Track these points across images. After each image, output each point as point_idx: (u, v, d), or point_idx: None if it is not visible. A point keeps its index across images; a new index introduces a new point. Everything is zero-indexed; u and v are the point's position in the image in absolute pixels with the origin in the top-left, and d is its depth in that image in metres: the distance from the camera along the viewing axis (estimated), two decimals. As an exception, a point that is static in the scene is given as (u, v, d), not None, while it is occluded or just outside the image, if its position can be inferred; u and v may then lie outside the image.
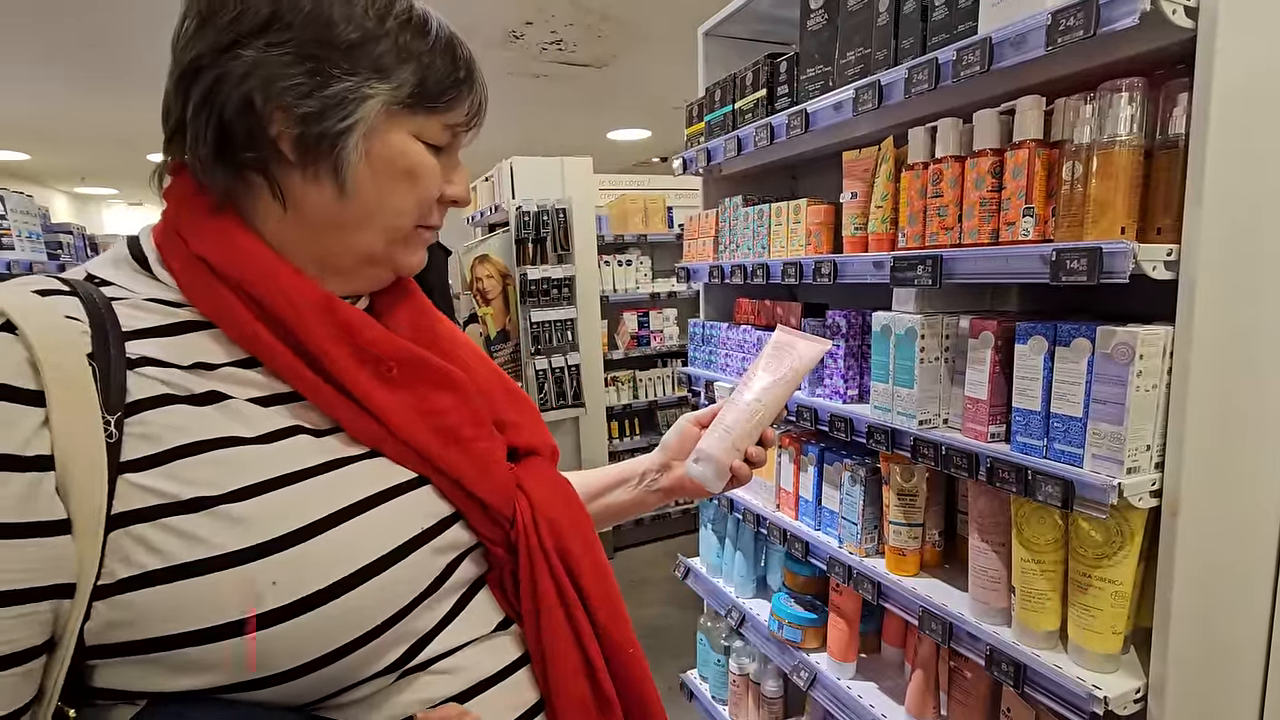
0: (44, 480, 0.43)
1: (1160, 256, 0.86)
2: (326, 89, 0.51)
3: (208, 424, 0.48)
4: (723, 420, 0.83)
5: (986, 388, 1.07)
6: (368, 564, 0.50)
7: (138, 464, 0.46)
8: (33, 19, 3.58)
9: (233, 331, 0.52)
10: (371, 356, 0.55)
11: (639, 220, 3.99)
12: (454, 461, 0.56)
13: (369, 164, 0.54)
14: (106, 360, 0.46)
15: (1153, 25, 0.81)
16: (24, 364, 0.43)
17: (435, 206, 0.60)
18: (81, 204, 10.67)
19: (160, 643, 0.45)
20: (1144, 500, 0.90)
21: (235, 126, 0.51)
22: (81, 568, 0.43)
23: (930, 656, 1.30)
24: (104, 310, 0.48)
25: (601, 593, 0.62)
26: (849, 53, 1.27)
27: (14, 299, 0.45)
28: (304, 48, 0.51)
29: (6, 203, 2.54)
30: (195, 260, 0.52)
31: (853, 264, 1.29)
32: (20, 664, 0.43)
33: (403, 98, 0.54)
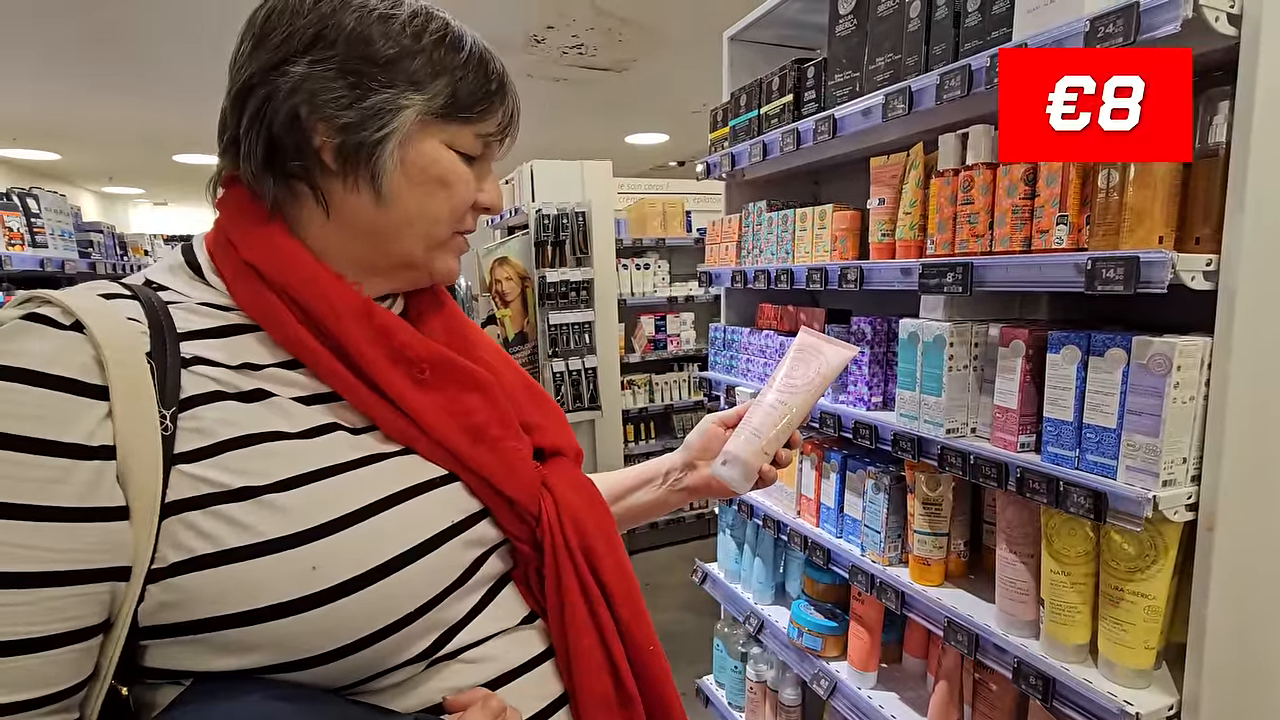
0: (106, 469, 0.45)
1: (1199, 266, 0.85)
2: (365, 101, 0.54)
3: (254, 419, 0.51)
4: (750, 422, 0.82)
5: (1017, 397, 1.06)
6: (400, 553, 0.52)
7: (190, 456, 0.48)
8: (66, 19, 3.66)
9: (278, 334, 0.54)
10: (405, 359, 0.57)
11: (657, 224, 3.99)
12: (482, 460, 0.58)
13: (404, 172, 0.57)
14: (163, 359, 0.49)
15: (1194, 32, 0.80)
16: (91, 361, 0.46)
17: (469, 213, 0.62)
18: (109, 203, 10.87)
19: (207, 624, 0.47)
20: (1179, 514, 0.88)
21: (283, 138, 0.55)
22: (137, 552, 0.46)
23: (954, 668, 1.29)
24: (161, 313, 0.51)
25: (624, 591, 0.63)
26: (878, 58, 1.27)
27: (83, 302, 0.48)
28: (345, 63, 0.54)
29: (41, 201, 2.59)
30: (245, 267, 0.55)
31: (880, 270, 1.28)
32: (81, 641, 0.45)
33: (436, 108, 0.57)
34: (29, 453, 0.43)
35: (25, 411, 0.44)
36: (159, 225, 11.90)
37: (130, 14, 3.59)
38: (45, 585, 0.43)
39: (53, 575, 0.44)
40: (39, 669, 0.44)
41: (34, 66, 4.47)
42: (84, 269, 2.88)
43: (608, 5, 3.60)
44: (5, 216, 2.39)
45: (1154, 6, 0.81)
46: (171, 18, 3.66)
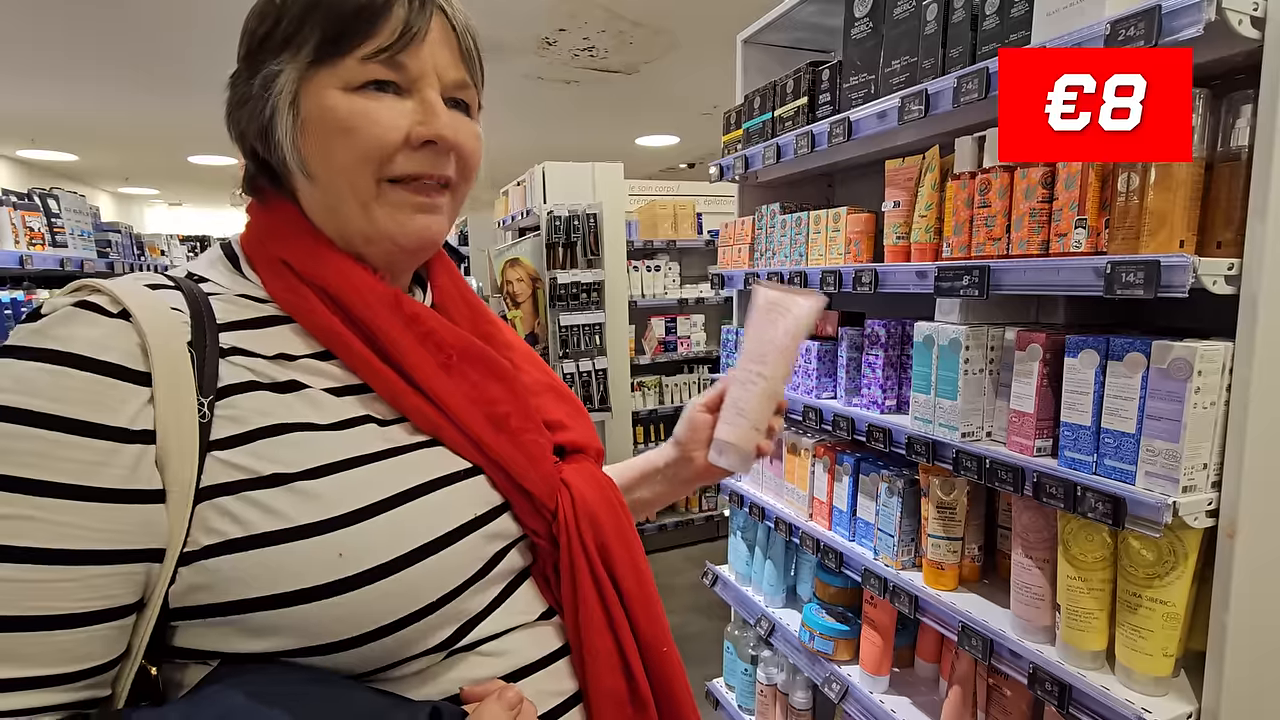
0: (147, 453, 0.47)
1: (1221, 270, 0.84)
2: (252, 87, 0.56)
3: (288, 409, 0.52)
4: (734, 403, 0.79)
5: (1034, 401, 1.05)
6: (424, 544, 0.52)
7: (225, 442, 0.49)
8: (85, 22, 3.71)
9: (310, 325, 0.55)
10: (433, 344, 0.58)
11: (668, 226, 4.00)
12: (504, 450, 0.58)
13: (306, 135, 0.55)
14: (203, 348, 0.50)
15: (1217, 35, 0.80)
16: (136, 348, 0.47)
17: (401, 153, 0.56)
18: (125, 203, 11.00)
19: (236, 606, 0.48)
20: (1199, 520, 0.88)
21: (245, 150, 0.58)
22: (171, 535, 0.47)
23: (968, 673, 1.28)
24: (202, 304, 0.53)
25: (638, 591, 0.63)
26: (895, 61, 1.27)
27: (130, 291, 0.49)
28: (243, 64, 0.57)
29: (61, 202, 2.63)
30: (277, 262, 0.57)
31: (894, 273, 1.28)
32: (117, 619, 0.47)
33: (309, 57, 0.54)
34: (76, 434, 0.45)
35: (73, 395, 0.45)
36: (174, 225, 12.02)
37: (148, 17, 3.64)
38: (88, 563, 0.45)
39: (95, 554, 0.45)
40: (77, 644, 0.45)
41: (54, 68, 4.53)
42: (102, 268, 2.91)
43: (619, 7, 3.61)
44: (27, 217, 2.43)
45: (1176, 9, 0.81)
46: (189, 20, 3.70)
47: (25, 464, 0.43)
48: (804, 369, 1.59)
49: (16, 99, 5.32)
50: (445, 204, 0.60)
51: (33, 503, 0.43)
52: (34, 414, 0.44)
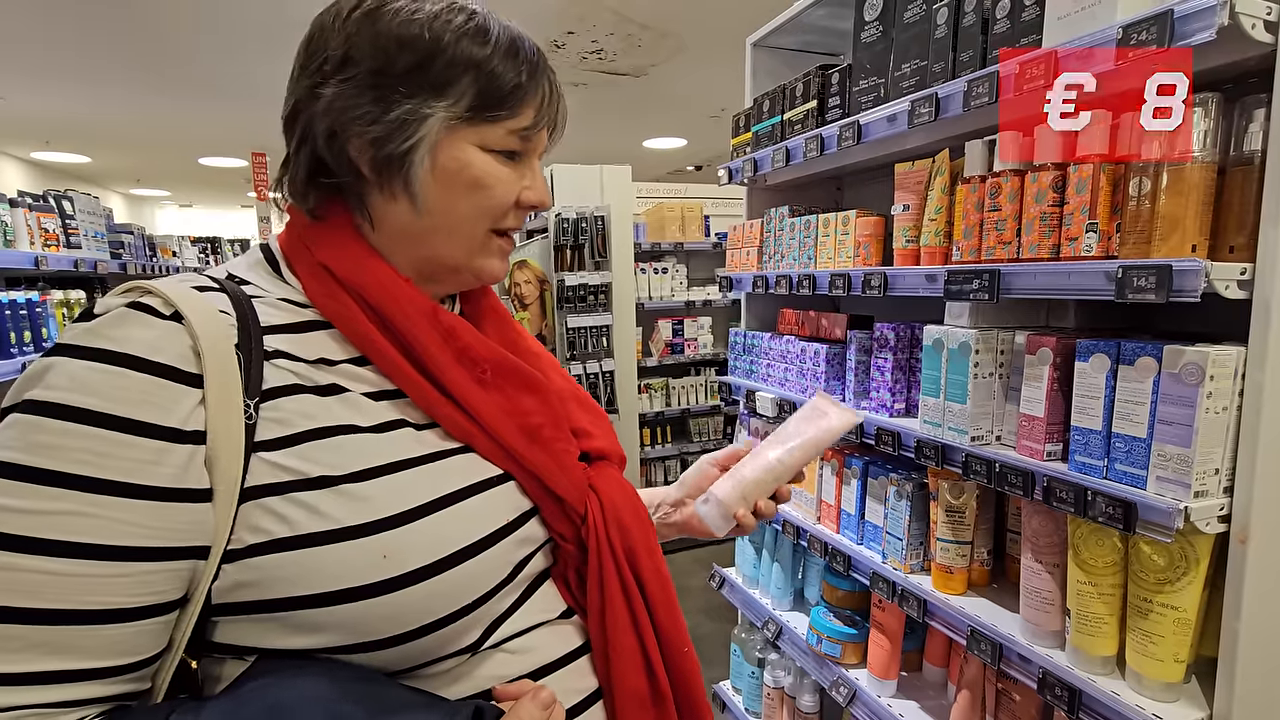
0: (197, 453, 0.48)
1: (1233, 275, 0.84)
2: (389, 114, 0.56)
3: (330, 412, 0.53)
4: (740, 469, 0.82)
5: (1044, 405, 1.05)
6: (462, 548, 0.54)
7: (270, 444, 0.51)
8: (96, 26, 3.75)
9: (349, 332, 0.57)
10: (469, 359, 0.59)
11: (676, 228, 4.00)
12: (537, 459, 0.60)
13: (436, 178, 0.57)
14: (249, 351, 0.51)
15: (1230, 39, 0.80)
16: (189, 350, 0.48)
17: (511, 212, 0.62)
18: (136, 205, 11.09)
19: (282, 604, 0.49)
20: (1211, 525, 0.87)
21: (325, 156, 0.57)
22: (216, 533, 0.48)
23: (977, 677, 1.28)
24: (247, 307, 0.54)
25: (662, 593, 0.65)
26: (904, 65, 1.27)
27: (181, 293, 0.50)
28: (370, 78, 0.55)
29: (75, 203, 2.66)
30: (318, 267, 0.58)
31: (904, 277, 1.28)
32: (162, 614, 0.48)
33: (462, 111, 0.56)
34: (131, 434, 0.46)
35: (129, 395, 0.46)
36: (184, 227, 12.12)
37: (161, 21, 3.67)
38: (138, 560, 0.46)
39: (146, 551, 0.46)
40: (125, 639, 0.46)
41: (68, 71, 4.58)
42: (115, 269, 2.94)
43: (628, 11, 3.62)
44: (42, 218, 2.45)
45: (1189, 13, 0.81)
46: (201, 24, 3.74)
47: (81, 461, 0.44)
48: (812, 372, 1.59)
49: (32, 102, 5.38)
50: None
51: (87, 499, 0.44)
52: (90, 413, 0.45)
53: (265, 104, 5.63)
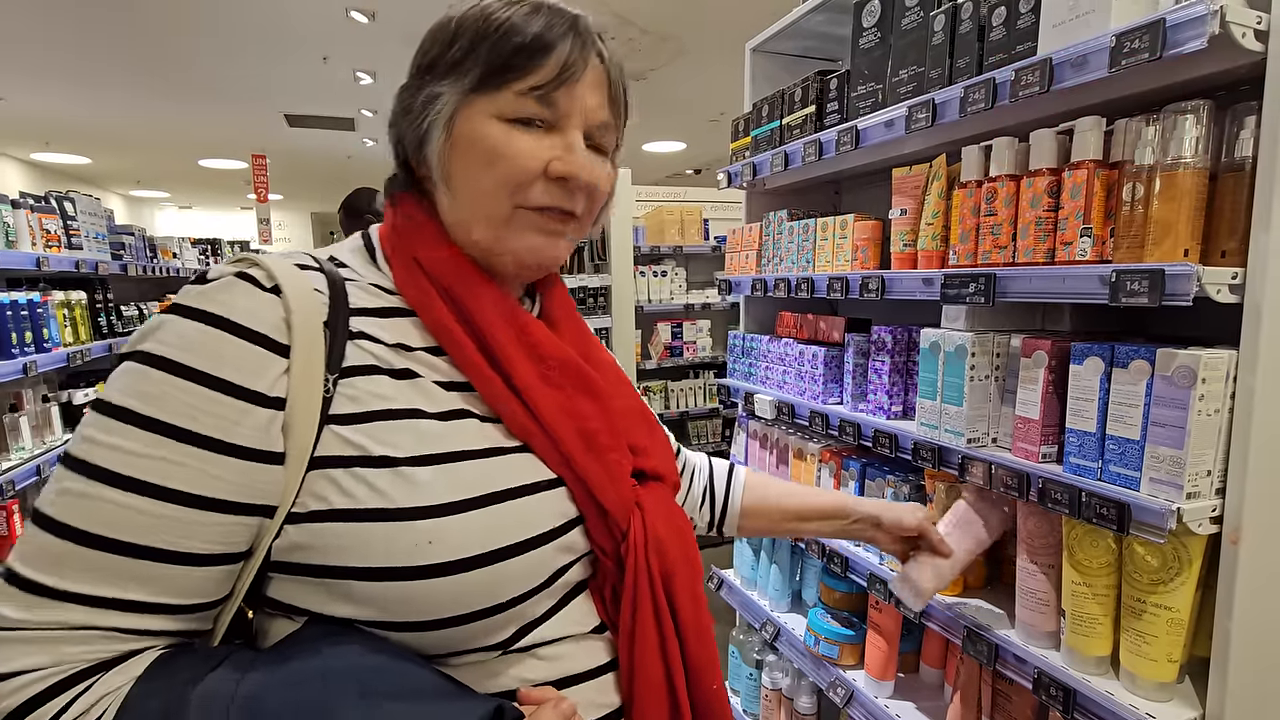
0: (277, 418, 0.51)
1: (1225, 280, 0.85)
2: (415, 101, 0.60)
3: (401, 395, 0.56)
4: (939, 564, 1.05)
5: (1039, 408, 1.06)
6: (507, 545, 0.55)
7: (343, 419, 0.53)
8: (97, 28, 3.77)
9: (429, 321, 0.59)
10: (538, 355, 0.61)
11: (675, 232, 4.02)
12: (588, 466, 0.60)
13: (455, 154, 0.59)
14: (335, 329, 0.55)
15: (1221, 47, 0.81)
16: (281, 322, 0.52)
17: (539, 183, 0.59)
18: (136, 206, 11.10)
19: (328, 570, 0.52)
20: (1204, 526, 0.88)
21: (404, 156, 0.63)
22: (284, 494, 0.51)
23: (973, 678, 1.29)
24: (340, 289, 0.57)
25: (696, 624, 0.64)
26: (902, 70, 1.28)
27: (282, 268, 0.54)
28: (416, 77, 0.61)
29: (77, 204, 2.67)
30: (410, 258, 0.60)
31: (901, 280, 1.29)
32: (228, 563, 0.51)
33: (471, 83, 0.58)
34: (222, 393, 0.49)
35: (225, 357, 0.50)
36: (185, 228, 12.12)
37: (161, 23, 3.69)
38: (217, 511, 0.49)
39: (224, 503, 0.49)
40: (196, 581, 0.50)
41: (68, 73, 4.59)
42: (116, 270, 2.94)
43: (628, 14, 3.64)
44: (44, 219, 2.46)
45: (1181, 22, 0.82)
46: (201, 27, 3.75)
47: (181, 414, 0.48)
48: (810, 374, 1.60)
49: (32, 103, 5.39)
50: (569, 230, 0.63)
51: (179, 449, 0.48)
52: (190, 369, 0.49)
53: (265, 106, 5.65)
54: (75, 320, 2.69)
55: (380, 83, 5.13)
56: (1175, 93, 0.94)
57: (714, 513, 0.98)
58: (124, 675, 0.47)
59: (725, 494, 0.98)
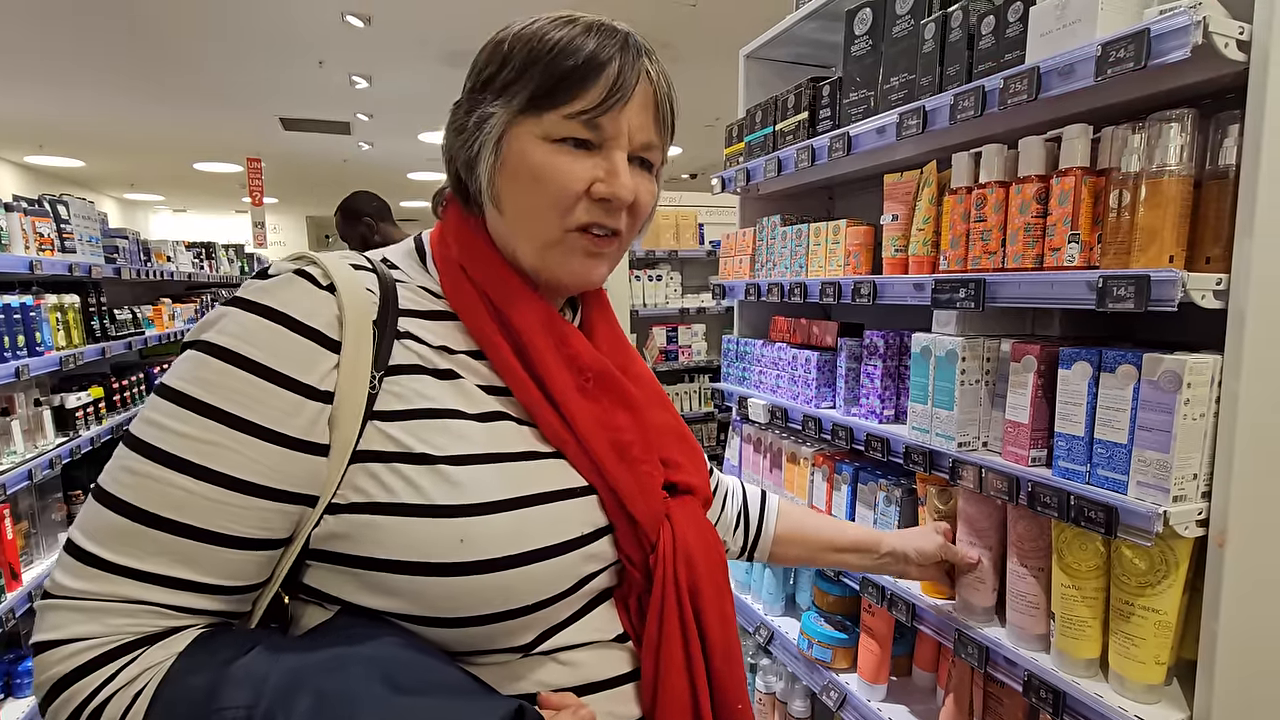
0: (324, 412, 0.53)
1: (1209, 285, 0.86)
2: (468, 122, 0.62)
3: (443, 395, 0.58)
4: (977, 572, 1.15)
5: (1028, 412, 1.07)
6: (536, 549, 0.56)
7: (386, 415, 0.55)
8: (91, 31, 3.76)
9: (472, 326, 0.61)
10: (575, 366, 0.62)
11: (670, 236, 4.03)
12: (620, 476, 0.61)
13: (504, 175, 0.61)
14: (384, 328, 0.57)
15: (1204, 57, 0.82)
16: (334, 319, 0.54)
17: (582, 204, 0.60)
18: (130, 209, 11.06)
19: (363, 561, 0.53)
20: (1190, 529, 0.89)
21: (452, 172, 0.65)
22: (326, 485, 0.53)
23: (965, 681, 1.29)
24: (390, 289, 0.59)
25: (722, 639, 0.64)
26: (893, 78, 1.29)
27: (338, 268, 0.56)
28: (469, 95, 0.63)
29: (70, 208, 2.66)
30: (456, 265, 0.62)
31: (892, 285, 1.30)
32: (270, 549, 0.54)
33: (520, 105, 0.59)
34: (276, 385, 0.51)
35: (281, 350, 0.52)
36: (179, 232, 12.10)
37: (156, 27, 3.69)
38: (264, 498, 0.51)
39: (271, 490, 0.52)
40: (239, 564, 0.52)
41: (62, 76, 4.58)
42: (110, 274, 2.94)
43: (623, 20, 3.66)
44: (37, 223, 2.46)
45: (1165, 32, 0.83)
46: (197, 31, 3.75)
47: (237, 402, 0.50)
48: (803, 379, 1.61)
49: (25, 106, 5.37)
50: (612, 250, 0.64)
51: (233, 435, 0.50)
52: (248, 360, 0.51)
53: (260, 110, 5.64)
54: (68, 324, 2.68)
55: (375, 87, 5.14)
56: (1160, 101, 0.96)
57: (748, 537, 0.98)
58: (166, 650, 0.49)
59: (760, 519, 0.99)
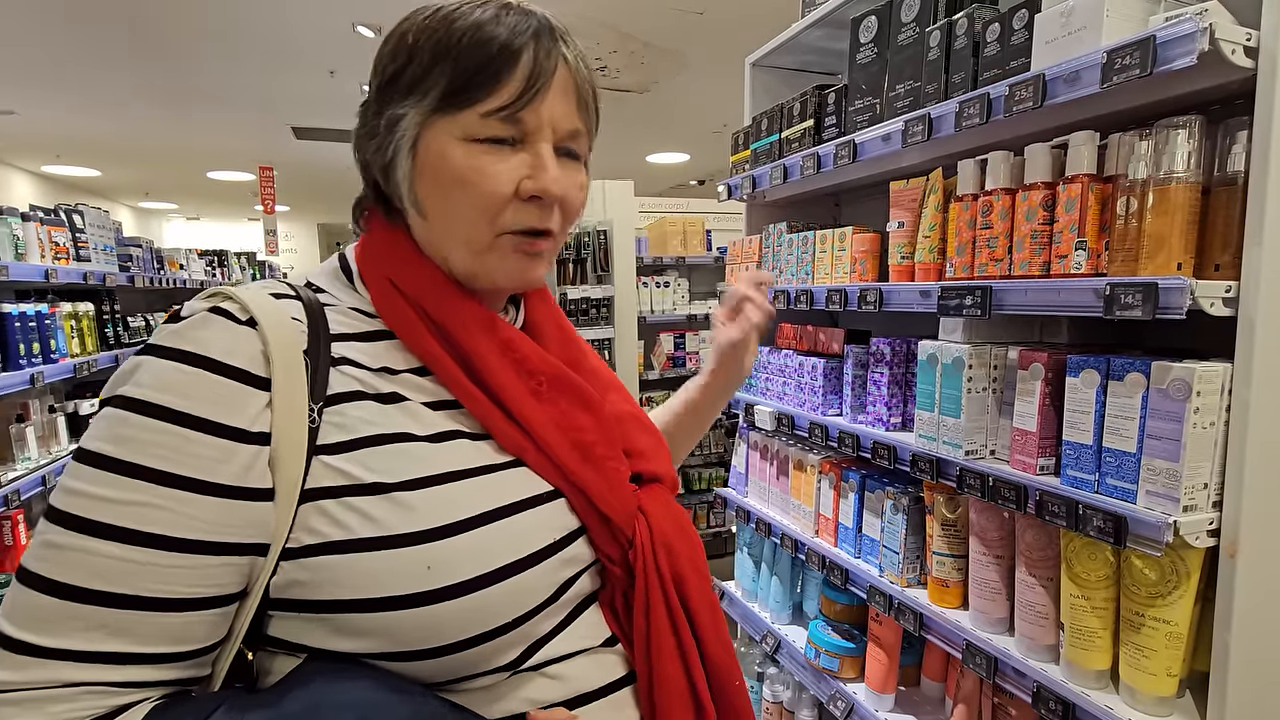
0: (262, 454, 0.50)
1: (1218, 293, 0.86)
2: (379, 125, 0.58)
3: (389, 420, 0.54)
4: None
5: (1036, 420, 1.06)
6: (506, 564, 0.54)
7: (331, 448, 0.52)
8: (107, 43, 3.82)
9: (410, 342, 0.58)
10: (525, 371, 0.59)
11: (678, 243, 4.03)
12: (587, 476, 0.59)
13: (422, 178, 0.57)
14: (317, 357, 0.53)
15: (1211, 64, 0.82)
16: (259, 355, 0.51)
17: (513, 207, 0.57)
18: (144, 218, 11.20)
19: (328, 605, 0.50)
20: (1201, 539, 0.88)
21: (371, 177, 0.61)
22: (276, 531, 0.50)
23: (973, 692, 1.28)
24: (318, 315, 0.56)
25: (711, 622, 0.62)
26: (898, 85, 1.29)
27: (257, 300, 0.52)
28: (376, 95, 0.59)
29: (86, 217, 2.70)
30: (385, 280, 0.59)
31: (899, 292, 1.30)
32: (220, 606, 0.50)
33: (432, 104, 0.55)
34: (203, 432, 0.48)
35: (204, 395, 0.48)
36: (192, 240, 12.23)
37: (171, 37, 3.74)
38: (201, 553, 0.48)
39: (209, 544, 0.48)
40: (184, 627, 0.48)
41: (79, 87, 4.66)
42: (124, 282, 2.97)
43: (632, 29, 3.68)
44: (53, 232, 2.49)
45: (1171, 39, 0.83)
46: (209, 39, 3.81)
47: (158, 456, 0.47)
48: (810, 386, 1.60)
49: (43, 116, 5.46)
50: (548, 249, 0.61)
51: (160, 492, 0.47)
52: (169, 410, 0.47)
53: (272, 119, 5.71)
54: (82, 331, 2.71)
55: (386, 96, 5.16)
56: (1167, 107, 0.95)
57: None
58: None
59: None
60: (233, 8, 3.32)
